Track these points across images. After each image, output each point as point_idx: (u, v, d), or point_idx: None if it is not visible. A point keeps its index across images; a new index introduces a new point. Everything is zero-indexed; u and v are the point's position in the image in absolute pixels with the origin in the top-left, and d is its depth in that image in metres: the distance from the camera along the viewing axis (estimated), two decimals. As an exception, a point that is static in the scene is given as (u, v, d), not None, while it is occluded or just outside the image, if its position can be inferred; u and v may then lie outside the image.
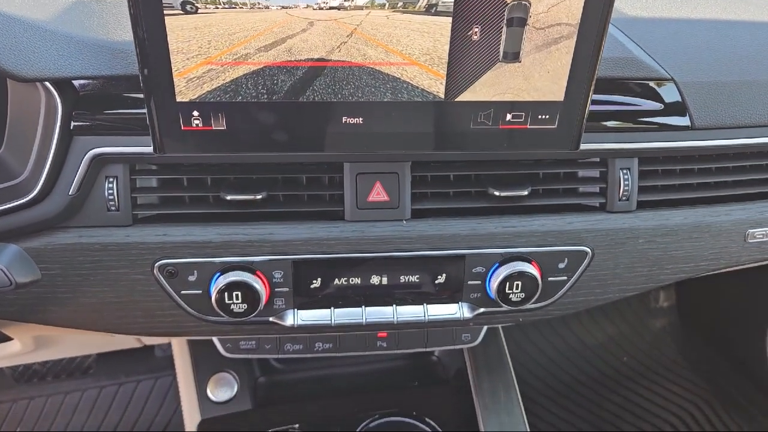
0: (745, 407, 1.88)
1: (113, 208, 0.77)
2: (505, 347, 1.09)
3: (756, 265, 0.99)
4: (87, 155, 0.73)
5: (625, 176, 0.83)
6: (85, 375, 1.82)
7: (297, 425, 1.03)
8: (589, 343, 2.08)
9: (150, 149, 0.70)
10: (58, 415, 1.82)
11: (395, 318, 0.83)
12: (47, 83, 0.70)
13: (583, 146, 0.74)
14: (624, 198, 0.84)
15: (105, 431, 1.82)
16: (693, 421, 1.89)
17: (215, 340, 0.93)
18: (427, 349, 0.97)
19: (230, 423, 1.03)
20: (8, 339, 1.04)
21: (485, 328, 0.96)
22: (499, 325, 1.06)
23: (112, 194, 0.76)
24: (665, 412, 1.92)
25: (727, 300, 1.96)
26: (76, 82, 0.72)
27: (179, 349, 1.08)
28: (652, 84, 0.82)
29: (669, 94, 0.82)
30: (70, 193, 0.74)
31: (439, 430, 1.04)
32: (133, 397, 1.86)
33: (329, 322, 0.82)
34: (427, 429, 1.05)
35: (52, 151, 0.72)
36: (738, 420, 1.87)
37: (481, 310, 0.85)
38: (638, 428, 1.89)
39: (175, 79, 0.66)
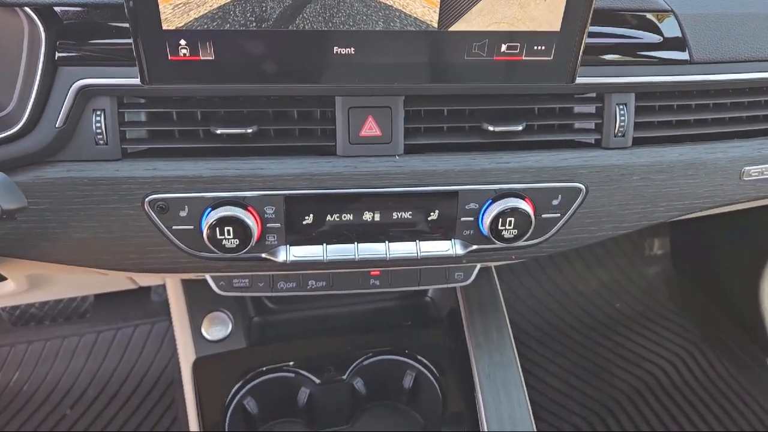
0: (736, 353, 1.90)
1: (102, 141, 0.76)
2: (498, 287, 1.10)
3: (750, 205, 0.98)
4: (73, 86, 0.72)
5: (621, 112, 0.82)
6: (82, 319, 1.83)
7: (291, 362, 1.05)
8: (582, 289, 2.10)
9: (137, 81, 0.68)
10: (56, 359, 1.84)
11: (387, 254, 0.83)
12: (29, 10, 0.68)
13: (579, 80, 0.73)
14: (620, 134, 0.83)
15: (104, 374, 1.84)
16: (684, 366, 1.93)
17: (208, 277, 0.93)
18: (420, 288, 0.98)
19: (225, 361, 1.04)
20: (2, 279, 1.04)
21: (478, 266, 0.96)
22: (492, 265, 1.07)
23: (100, 127, 0.75)
24: (656, 356, 1.95)
25: (721, 248, 1.96)
26: (59, 10, 0.70)
27: (173, 289, 1.08)
28: (650, 16, 0.80)
29: (668, 26, 0.80)
30: (57, 126, 0.73)
31: (431, 367, 1.05)
32: (130, 342, 1.88)
33: (321, 258, 0.82)
34: (419, 366, 1.07)
35: (37, 81, 0.70)
36: (729, 366, 1.90)
37: (474, 247, 0.85)
38: (629, 372, 1.92)
39: (161, 6, 0.64)
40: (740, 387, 1.83)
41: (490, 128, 0.79)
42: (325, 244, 0.83)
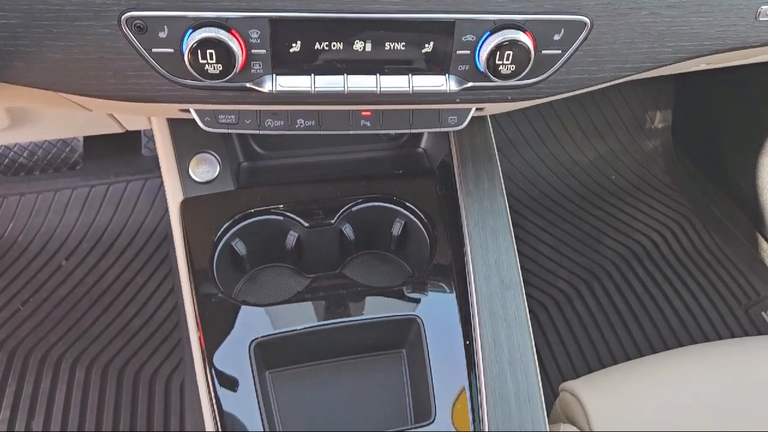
0: (728, 228, 1.92)
1: (72, -51, 0.70)
2: (492, 137, 1.07)
3: (762, 54, 0.94)
4: None
5: (635, -62, 0.76)
6: (74, 172, 1.82)
7: (281, 206, 1.04)
8: (579, 160, 2.09)
9: None
10: (49, 211, 1.85)
11: (378, 88, 0.79)
12: None
13: None
14: (631, -36, 0.77)
15: (98, 228, 1.86)
16: (673, 238, 1.94)
17: (193, 112, 0.90)
18: (412, 131, 0.95)
19: (212, 202, 1.03)
20: (-18, 113, 1.01)
21: (473, 110, 0.92)
22: (487, 114, 1.03)
23: (69, -68, 0.69)
24: (647, 228, 1.97)
25: (724, 122, 1.93)
26: None
27: (159, 129, 1.05)
28: None
29: None
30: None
31: (421, 215, 1.05)
32: (123, 197, 1.89)
33: (309, 89, 0.79)
34: (409, 214, 1.06)
35: None
36: (717, 238, 1.92)
37: (469, 84, 0.81)
38: (619, 242, 1.94)
39: None
40: (726, 258, 1.86)
41: (493, -50, 0.73)
42: (313, 75, 0.79)
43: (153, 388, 1.58)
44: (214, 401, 0.90)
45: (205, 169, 1.05)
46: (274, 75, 0.79)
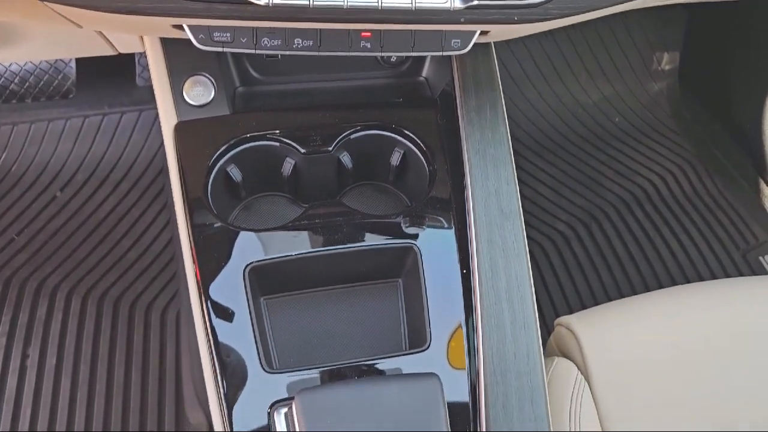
0: (730, 173, 1.90)
1: None
2: (496, 65, 1.04)
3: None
4: None
5: None
6: (67, 101, 1.79)
7: (278, 131, 1.01)
8: (582, 101, 2.05)
9: None
10: (43, 141, 1.82)
11: (380, 3, 0.76)
12: None
13: None
14: None
15: (92, 159, 1.84)
16: (674, 182, 1.93)
17: (186, 28, 0.86)
18: (414, 54, 0.92)
19: (207, 126, 1.01)
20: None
21: (477, 33, 0.89)
22: (491, 40, 1.00)
23: None
24: (648, 171, 1.95)
25: (733, 64, 1.88)
26: None
27: (153, 50, 1.02)
28: None
29: None
30: None
31: (420, 144, 1.02)
32: (117, 128, 1.86)
33: (307, 2, 0.75)
34: (408, 143, 1.04)
35: None
36: (718, 182, 1.90)
37: (474, 2, 0.78)
38: (619, 185, 1.93)
39: None
40: (726, 203, 1.84)
41: None
42: (311, -13, 0.75)
43: (149, 318, 1.59)
44: (209, 326, 0.89)
45: (199, 91, 1.02)
46: (270, -14, 0.75)
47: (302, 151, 1.01)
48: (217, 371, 0.86)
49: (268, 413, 0.82)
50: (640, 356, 1.03)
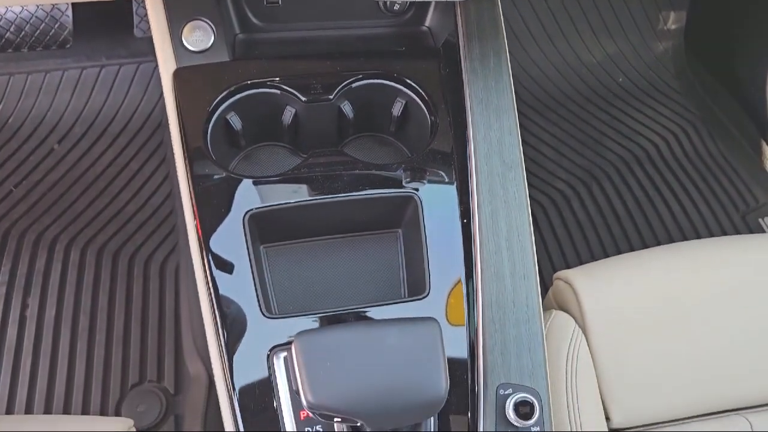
0: (733, 135, 1.89)
1: None
2: (501, 16, 1.02)
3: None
4: None
5: None
6: (64, 52, 1.76)
7: (278, 78, 1.00)
8: (586, 60, 2.02)
9: None
10: (40, 93, 1.80)
11: (383, -57, 0.74)
12: None
13: None
14: None
15: (90, 112, 1.82)
16: (676, 143, 1.92)
17: (185, -32, 0.85)
18: (417, -1, 0.90)
19: (207, 72, 0.99)
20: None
21: (482, -23, 0.87)
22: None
23: None
24: (650, 132, 1.94)
25: (741, 26, 1.86)
26: None
27: (151, -5, 1.00)
28: None
29: None
30: None
31: (423, 94, 1.01)
32: (115, 81, 1.84)
33: (310, -60, 0.74)
34: (410, 93, 1.02)
35: None
36: (720, 144, 1.89)
37: (481, -57, 0.76)
38: (620, 145, 1.92)
39: None
40: (727, 164, 1.84)
41: None
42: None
43: (148, 271, 1.59)
44: (209, 273, 0.89)
45: (198, 37, 1.00)
46: None
47: (303, 99, 0.99)
48: (218, 320, 0.86)
49: (268, 356, 0.82)
50: (638, 310, 1.04)
